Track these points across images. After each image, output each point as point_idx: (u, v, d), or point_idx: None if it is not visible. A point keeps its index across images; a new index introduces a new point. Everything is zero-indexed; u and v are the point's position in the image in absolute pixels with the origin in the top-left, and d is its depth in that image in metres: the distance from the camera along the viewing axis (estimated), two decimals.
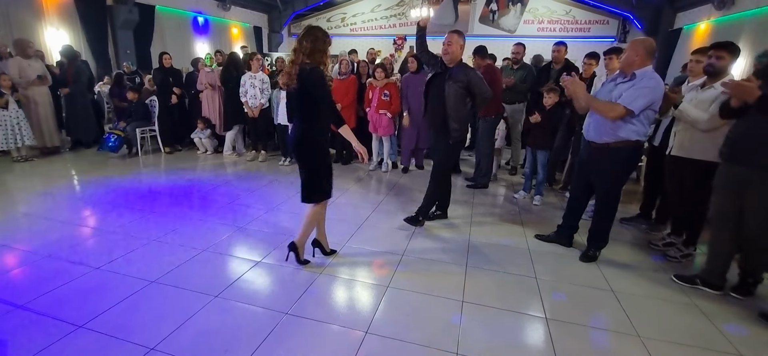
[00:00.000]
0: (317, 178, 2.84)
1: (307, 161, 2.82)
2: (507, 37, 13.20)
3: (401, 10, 14.57)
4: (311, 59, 2.64)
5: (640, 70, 2.83)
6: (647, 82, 2.78)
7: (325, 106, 2.71)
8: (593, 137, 3.06)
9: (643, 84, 2.78)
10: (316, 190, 2.86)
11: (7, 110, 5.48)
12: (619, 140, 2.91)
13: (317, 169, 2.83)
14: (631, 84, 2.83)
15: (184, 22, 11.85)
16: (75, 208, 4.08)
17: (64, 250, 3.14)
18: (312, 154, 2.80)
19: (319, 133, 2.79)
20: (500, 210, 4.41)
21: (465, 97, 3.51)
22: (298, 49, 2.66)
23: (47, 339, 2.13)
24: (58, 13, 8.45)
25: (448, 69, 3.50)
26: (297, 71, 2.66)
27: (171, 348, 2.10)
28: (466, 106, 3.55)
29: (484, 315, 2.51)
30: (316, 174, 2.83)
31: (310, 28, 2.70)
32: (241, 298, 2.60)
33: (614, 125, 2.88)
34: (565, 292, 2.81)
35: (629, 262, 3.29)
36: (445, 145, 3.62)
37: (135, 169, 5.70)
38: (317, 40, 2.66)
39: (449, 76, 3.47)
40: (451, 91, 3.45)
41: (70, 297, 2.53)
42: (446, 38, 3.49)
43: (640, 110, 2.79)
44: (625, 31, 12.86)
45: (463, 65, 3.53)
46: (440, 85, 3.50)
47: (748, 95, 2.46)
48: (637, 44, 2.88)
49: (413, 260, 3.19)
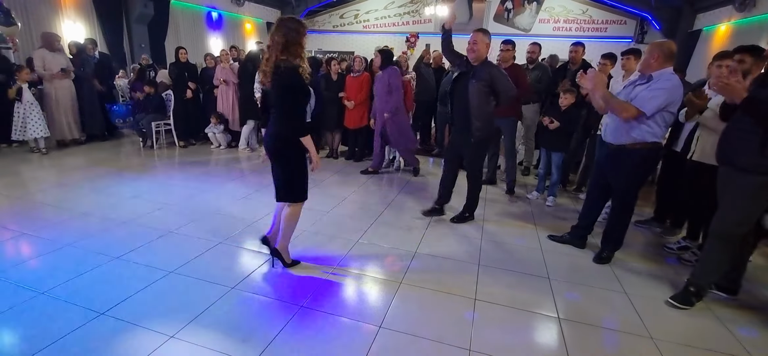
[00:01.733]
0: (295, 179, 2.72)
1: (284, 162, 2.70)
2: (522, 36, 13.06)
3: (415, 8, 14.52)
4: (286, 55, 2.49)
5: (657, 72, 2.81)
6: (662, 84, 2.76)
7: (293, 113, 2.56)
8: (610, 139, 3.05)
9: (658, 85, 2.76)
10: (296, 189, 2.75)
11: (22, 103, 5.63)
12: (634, 142, 2.89)
13: (294, 170, 2.70)
14: (647, 86, 2.82)
15: (198, 17, 11.97)
16: (93, 199, 4.18)
17: (84, 240, 3.22)
18: (289, 155, 2.67)
19: (295, 133, 2.64)
20: (513, 210, 4.40)
21: (488, 95, 3.52)
22: (272, 44, 2.52)
23: (70, 325, 2.20)
24: (75, 6, 8.61)
25: (472, 68, 3.52)
26: (272, 69, 2.52)
27: (190, 337, 2.15)
28: (490, 104, 3.56)
29: (497, 313, 2.52)
30: (291, 174, 2.71)
31: (281, 21, 2.54)
32: (257, 290, 2.65)
33: (628, 126, 2.87)
34: (578, 293, 2.81)
35: (643, 264, 3.27)
36: (468, 143, 3.64)
37: (150, 162, 5.80)
38: (290, 32, 2.49)
39: (473, 75, 3.48)
40: (474, 89, 3.46)
41: (91, 285, 2.60)
42: (472, 37, 3.49)
43: (652, 111, 2.76)
44: (643, 31, 12.64)
45: (486, 63, 3.53)
46: (464, 84, 3.53)
47: (735, 95, 2.40)
48: (654, 47, 2.87)
49: (426, 257, 3.21)
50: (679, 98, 2.83)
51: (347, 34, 15.51)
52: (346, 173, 5.55)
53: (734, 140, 2.49)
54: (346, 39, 15.29)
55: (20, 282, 2.59)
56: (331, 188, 4.91)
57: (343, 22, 15.52)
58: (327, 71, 6.18)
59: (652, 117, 2.80)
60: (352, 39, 15.16)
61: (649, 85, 2.80)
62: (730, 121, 2.59)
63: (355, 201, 4.44)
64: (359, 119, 5.91)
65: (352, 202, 4.41)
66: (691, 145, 3.31)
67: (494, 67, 3.57)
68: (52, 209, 3.86)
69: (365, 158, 6.26)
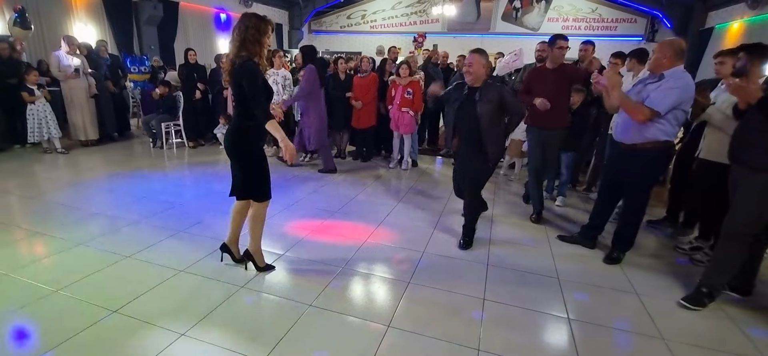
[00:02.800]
0: (254, 178, 2.63)
1: (241, 159, 2.62)
2: (530, 36, 13.02)
3: (422, 8, 14.52)
4: (245, 51, 2.43)
5: (668, 70, 2.78)
6: (674, 83, 2.73)
7: (253, 102, 2.44)
8: (621, 138, 3.02)
9: (670, 84, 2.73)
10: (253, 188, 2.66)
11: (36, 105, 5.73)
12: (646, 141, 2.86)
13: (253, 169, 2.61)
14: (659, 85, 2.79)
15: (206, 19, 12.08)
16: (105, 199, 4.23)
17: (97, 239, 3.26)
18: (246, 153, 2.60)
19: (255, 131, 2.56)
20: (522, 210, 4.37)
21: (499, 116, 3.26)
22: (232, 41, 2.48)
23: (84, 322, 2.23)
24: (86, 9, 8.74)
25: (476, 89, 3.22)
26: (229, 67, 2.48)
27: (200, 335, 2.17)
28: (501, 124, 3.34)
29: (506, 313, 2.51)
30: (251, 174, 2.62)
31: (241, 17, 2.49)
32: (266, 289, 2.67)
33: (641, 125, 2.85)
34: (587, 293, 2.79)
35: (654, 265, 3.23)
36: (484, 165, 3.32)
37: (160, 162, 5.86)
38: (247, 29, 2.42)
39: (480, 97, 3.19)
40: (484, 111, 3.17)
41: (104, 284, 2.64)
42: (467, 59, 3.24)
43: (666, 110, 2.74)
44: (653, 30, 12.51)
45: (492, 84, 3.29)
46: (471, 107, 3.22)
47: (749, 98, 2.42)
48: (665, 45, 2.84)
49: (434, 257, 3.21)
50: (692, 96, 2.80)
51: (354, 35, 15.54)
52: (354, 173, 5.56)
53: (747, 138, 2.46)
54: (354, 39, 15.33)
55: (35, 279, 2.63)
56: (338, 187, 4.93)
57: (350, 22, 15.58)
58: (334, 71, 6.20)
59: (665, 116, 2.78)
60: (359, 39, 15.20)
61: (661, 84, 2.77)
62: (742, 119, 2.56)
63: (363, 201, 4.44)
64: (367, 119, 5.93)
65: (360, 202, 4.41)
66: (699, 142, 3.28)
67: (502, 87, 3.38)
68: (64, 208, 3.92)
69: (373, 157, 6.28)
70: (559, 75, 3.74)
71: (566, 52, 3.81)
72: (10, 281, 2.63)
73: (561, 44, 3.74)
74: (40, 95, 5.79)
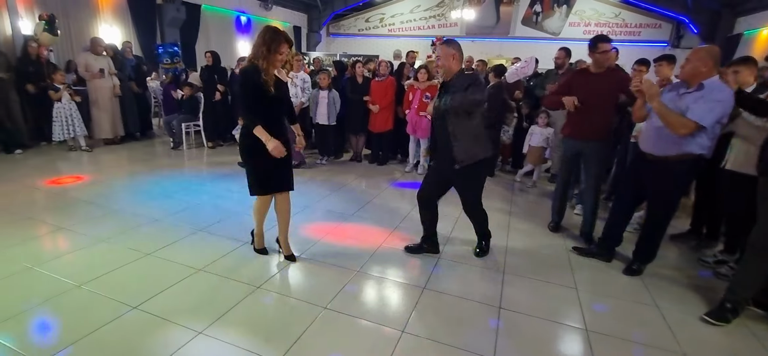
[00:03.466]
0: (251, 174, 2.86)
1: (243, 156, 2.87)
2: (550, 40, 12.85)
3: (441, 11, 14.50)
4: (254, 60, 2.64)
5: (708, 80, 2.64)
6: (718, 95, 2.59)
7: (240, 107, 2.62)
8: (652, 149, 2.87)
9: (714, 97, 2.59)
10: (251, 183, 2.88)
11: (61, 103, 5.91)
12: (682, 154, 2.74)
13: (252, 167, 2.84)
14: (699, 96, 2.64)
15: (227, 22, 12.28)
16: (126, 196, 4.34)
17: (118, 236, 3.34)
18: (246, 151, 2.81)
19: (250, 129, 2.72)
20: (539, 218, 4.31)
21: (474, 113, 2.90)
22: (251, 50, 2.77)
23: (105, 317, 2.29)
24: (112, 10, 8.98)
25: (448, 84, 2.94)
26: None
27: (217, 333, 2.20)
28: (473, 122, 2.89)
29: (522, 322, 2.47)
30: (250, 171, 2.86)
31: (261, 29, 2.72)
32: (282, 290, 2.69)
33: (678, 137, 2.70)
34: (606, 304, 2.73)
35: (676, 277, 3.14)
36: (453, 173, 2.99)
37: (180, 162, 5.98)
38: (262, 41, 2.62)
39: (447, 90, 2.90)
40: (449, 105, 2.85)
41: (125, 280, 2.70)
42: (437, 52, 3.03)
43: (711, 124, 2.61)
44: (679, 36, 12.20)
45: (465, 75, 2.93)
46: (439, 104, 2.94)
47: None
48: (703, 53, 2.68)
49: (449, 263, 3.19)
50: (730, 109, 2.68)
51: (372, 38, 15.61)
52: (370, 177, 5.57)
53: None
54: (371, 42, 15.39)
55: (58, 274, 2.71)
56: (354, 191, 4.94)
57: (369, 25, 15.65)
58: (352, 74, 6.23)
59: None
60: (376, 43, 15.26)
61: (704, 96, 2.62)
62: None
63: (379, 205, 4.44)
64: (384, 123, 5.94)
65: (375, 206, 4.42)
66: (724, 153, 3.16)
67: (474, 76, 2.97)
68: (87, 205, 4.03)
69: (390, 161, 6.28)
70: (606, 80, 3.35)
71: (611, 55, 3.44)
72: (35, 274, 2.71)
73: (603, 47, 3.34)
74: (64, 92, 5.96)
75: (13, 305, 2.36)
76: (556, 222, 3.95)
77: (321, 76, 5.87)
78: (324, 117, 5.86)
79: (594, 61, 3.46)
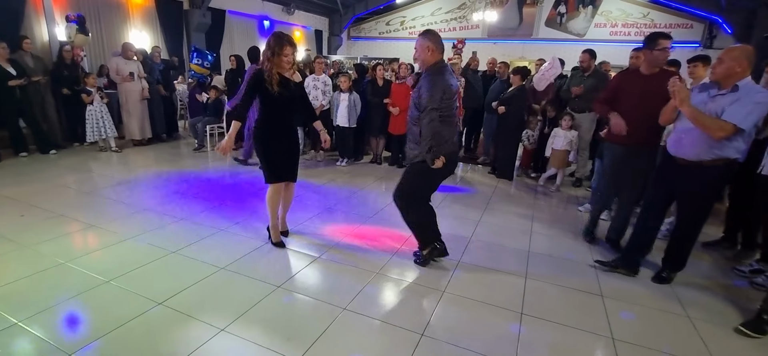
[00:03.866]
0: (264, 165, 3.19)
1: (256, 148, 3.25)
2: (575, 42, 12.58)
3: (462, 14, 14.41)
4: (262, 63, 3.04)
5: (742, 82, 2.53)
6: (756, 97, 2.47)
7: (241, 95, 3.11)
8: (684, 154, 2.74)
9: (752, 99, 2.47)
10: (265, 173, 3.21)
11: (93, 106, 6.14)
12: (716, 158, 2.62)
13: (264, 157, 3.17)
14: (735, 98, 2.52)
15: (251, 26, 12.52)
16: (153, 196, 4.46)
17: (145, 234, 3.44)
18: (256, 143, 3.21)
19: (260, 125, 3.10)
20: (563, 223, 4.21)
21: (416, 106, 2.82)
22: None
23: (132, 312, 2.35)
24: (142, 16, 9.29)
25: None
26: None
27: (238, 331, 2.24)
28: (423, 118, 2.72)
29: (545, 329, 2.41)
30: (263, 161, 3.19)
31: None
32: (302, 290, 2.71)
33: (712, 141, 2.59)
34: (634, 312, 2.64)
35: (708, 286, 3.01)
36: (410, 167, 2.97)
37: (203, 163, 6.11)
38: (268, 46, 2.95)
39: (418, 82, 2.86)
40: (414, 97, 2.83)
41: (151, 276, 2.77)
42: (415, 44, 2.87)
43: (750, 127, 2.49)
44: (711, 36, 11.70)
45: (433, 66, 2.79)
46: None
47: None
48: (737, 52, 2.55)
49: (470, 266, 3.15)
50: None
51: (393, 41, 15.63)
52: (389, 179, 5.56)
53: None
54: (392, 45, 15.42)
55: (88, 270, 2.81)
56: (373, 193, 4.95)
57: (389, 28, 15.68)
58: (373, 77, 6.25)
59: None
60: (397, 45, 15.27)
61: (740, 98, 2.51)
62: None
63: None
64: (403, 125, 5.89)
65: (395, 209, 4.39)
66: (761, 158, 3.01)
67: (433, 72, 2.75)
68: (117, 203, 4.17)
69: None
70: (659, 82, 3.00)
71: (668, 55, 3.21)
72: (67, 269, 2.81)
73: (663, 44, 3.07)
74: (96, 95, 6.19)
75: (46, 298, 2.45)
76: (591, 233, 3.75)
77: (342, 79, 5.91)
78: (344, 119, 5.90)
79: (650, 60, 3.20)
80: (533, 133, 5.65)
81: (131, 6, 8.98)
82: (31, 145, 6.05)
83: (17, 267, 2.82)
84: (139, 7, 9.16)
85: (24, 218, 3.65)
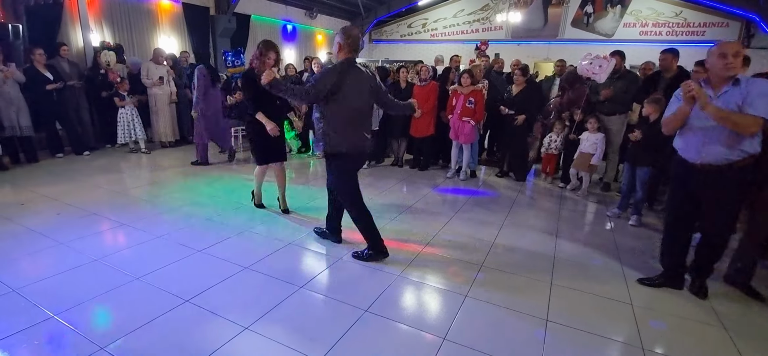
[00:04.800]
0: (255, 149, 4.00)
1: (249, 136, 3.99)
2: (603, 42, 12.22)
3: (485, 15, 14.23)
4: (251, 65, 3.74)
5: (742, 75, 2.51)
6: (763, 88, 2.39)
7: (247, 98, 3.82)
8: (712, 159, 2.57)
9: (761, 89, 2.39)
10: (255, 155, 4.05)
11: (125, 109, 6.37)
12: (744, 157, 2.50)
13: (256, 143, 3.91)
14: (745, 91, 2.42)
15: (274, 30, 12.72)
16: (180, 196, 4.58)
17: (173, 233, 3.53)
18: (252, 131, 3.85)
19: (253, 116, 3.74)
20: (591, 227, 4.11)
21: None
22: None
23: (160, 309, 2.41)
24: (170, 21, 9.58)
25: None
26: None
27: (262, 330, 2.26)
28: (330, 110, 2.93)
29: (571, 337, 2.35)
30: (254, 146, 3.99)
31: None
32: (324, 291, 2.73)
33: (738, 140, 2.47)
34: (665, 322, 2.54)
35: (744, 297, 2.86)
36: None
37: (228, 164, 6.24)
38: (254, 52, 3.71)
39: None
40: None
41: (178, 274, 2.84)
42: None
43: None
44: (749, 34, 11.12)
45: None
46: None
47: None
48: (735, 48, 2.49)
49: (493, 270, 3.10)
50: None
51: (415, 44, 15.60)
52: (411, 182, 5.55)
53: None
54: (414, 48, 15.37)
55: (119, 267, 2.90)
56: (394, 196, 4.94)
57: (411, 31, 15.64)
58: (395, 79, 6.25)
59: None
60: (419, 48, 15.21)
61: (752, 92, 2.39)
62: None
63: (420, 210, 4.41)
64: (425, 128, 5.90)
65: (416, 211, 4.38)
66: None
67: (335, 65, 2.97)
68: (145, 203, 4.30)
69: (431, 167, 6.23)
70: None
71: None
72: (99, 266, 2.92)
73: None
74: (129, 100, 6.42)
75: (80, 293, 2.55)
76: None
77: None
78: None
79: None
80: (557, 137, 5.51)
81: (160, 12, 9.28)
82: (66, 146, 6.32)
83: (55, 262, 2.95)
84: (167, 13, 9.45)
85: (60, 216, 3.80)
